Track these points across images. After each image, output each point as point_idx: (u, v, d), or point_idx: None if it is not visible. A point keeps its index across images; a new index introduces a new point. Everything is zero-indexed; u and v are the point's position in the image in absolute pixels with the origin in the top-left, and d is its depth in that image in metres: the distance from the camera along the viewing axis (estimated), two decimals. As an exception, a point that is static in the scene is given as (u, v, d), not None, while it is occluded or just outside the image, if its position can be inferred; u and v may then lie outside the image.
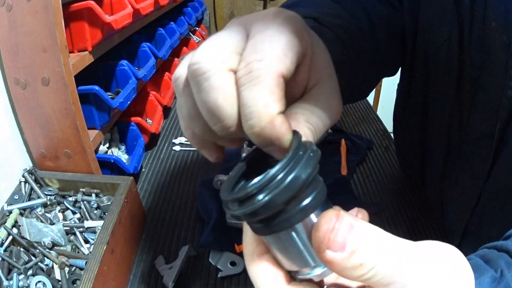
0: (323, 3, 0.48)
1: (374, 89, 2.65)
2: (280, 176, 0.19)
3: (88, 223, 0.60)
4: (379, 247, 0.20)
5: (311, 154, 0.20)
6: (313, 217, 0.21)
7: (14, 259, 0.52)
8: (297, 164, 0.19)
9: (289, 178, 0.19)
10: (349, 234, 0.20)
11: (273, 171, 0.19)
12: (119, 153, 0.84)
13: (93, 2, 0.62)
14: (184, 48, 1.44)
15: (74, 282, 0.52)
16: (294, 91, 0.26)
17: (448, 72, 0.50)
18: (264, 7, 2.21)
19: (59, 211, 0.62)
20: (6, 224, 0.55)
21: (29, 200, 0.62)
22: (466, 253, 0.24)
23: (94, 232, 0.60)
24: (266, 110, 0.21)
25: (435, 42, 0.51)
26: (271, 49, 0.22)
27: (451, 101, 0.51)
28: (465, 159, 0.51)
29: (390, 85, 0.78)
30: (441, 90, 0.53)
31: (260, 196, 0.19)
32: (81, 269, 0.54)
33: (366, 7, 0.51)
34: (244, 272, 0.60)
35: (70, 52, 0.61)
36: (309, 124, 0.25)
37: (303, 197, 0.20)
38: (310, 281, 0.23)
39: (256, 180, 0.19)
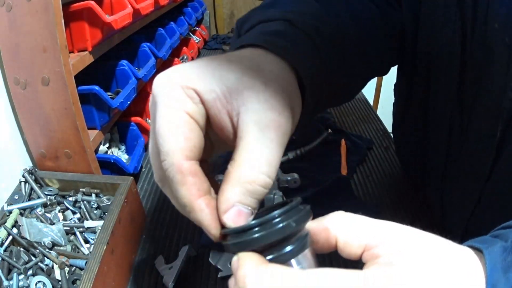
0: (302, 2, 0.46)
1: (374, 89, 2.64)
2: (277, 220, 0.22)
3: (88, 223, 0.60)
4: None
5: (306, 211, 0.24)
6: (292, 261, 0.23)
7: (14, 259, 0.52)
8: (293, 215, 0.23)
9: (284, 224, 0.22)
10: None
11: (272, 214, 0.22)
12: (119, 153, 0.84)
13: (93, 2, 0.62)
14: (184, 48, 1.44)
15: (74, 282, 0.52)
16: (225, 137, 0.29)
17: (450, 72, 0.50)
18: (264, 7, 2.22)
19: (59, 211, 0.62)
20: (6, 224, 0.55)
21: (29, 200, 0.62)
22: None
23: (94, 232, 0.60)
24: (185, 202, 0.28)
25: (437, 42, 0.51)
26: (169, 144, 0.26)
27: (452, 101, 0.51)
28: (465, 160, 0.51)
29: (390, 85, 0.78)
30: (442, 90, 0.53)
31: (256, 229, 0.23)
32: (81, 269, 0.54)
33: (351, 6, 0.49)
34: (244, 272, 0.60)
35: (70, 52, 0.61)
36: (238, 183, 0.26)
37: (288, 243, 0.23)
38: None
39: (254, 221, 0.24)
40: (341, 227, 0.25)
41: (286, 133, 0.28)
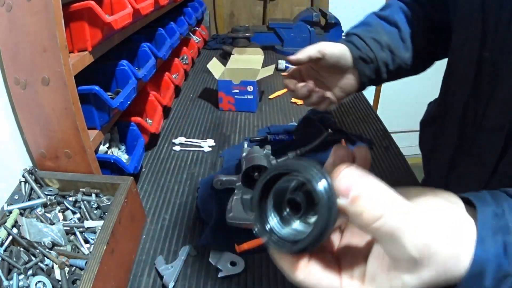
0: (379, 28, 0.63)
1: (374, 89, 2.64)
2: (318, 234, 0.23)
3: (88, 223, 0.60)
4: (382, 196, 0.24)
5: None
6: None
7: (14, 259, 0.52)
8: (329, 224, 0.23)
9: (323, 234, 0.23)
10: (352, 183, 0.24)
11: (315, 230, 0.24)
12: (119, 153, 0.84)
13: (93, 2, 0.62)
14: (184, 48, 1.44)
15: (74, 282, 0.52)
16: None
17: (468, 67, 0.52)
18: (264, 7, 2.21)
19: (59, 211, 0.62)
20: (6, 224, 0.55)
21: (29, 200, 0.62)
22: None
23: (94, 232, 0.60)
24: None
25: (460, 38, 0.54)
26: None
27: (468, 94, 0.52)
28: (475, 152, 0.52)
29: (390, 85, 0.78)
30: (460, 82, 0.55)
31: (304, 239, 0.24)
32: (81, 269, 0.54)
33: (408, 15, 0.63)
34: (244, 272, 0.60)
35: (70, 52, 0.61)
36: None
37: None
38: None
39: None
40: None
41: None
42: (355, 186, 0.24)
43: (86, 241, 0.59)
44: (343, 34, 0.61)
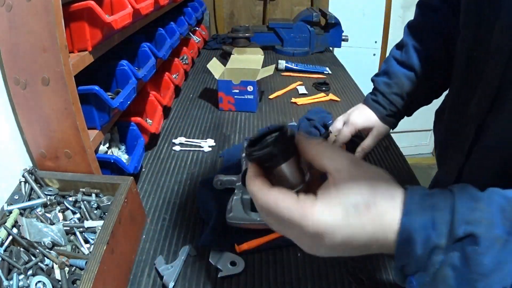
0: (400, 76, 0.78)
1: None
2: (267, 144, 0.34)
3: (88, 223, 0.60)
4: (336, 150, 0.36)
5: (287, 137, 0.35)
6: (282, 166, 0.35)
7: (14, 259, 0.52)
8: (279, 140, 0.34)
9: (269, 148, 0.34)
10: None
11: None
12: (119, 153, 0.84)
13: (93, 2, 0.62)
14: (184, 48, 1.44)
15: (74, 282, 0.52)
16: None
17: (461, 64, 0.60)
18: (264, 7, 2.21)
19: (59, 211, 0.62)
20: (6, 224, 0.55)
21: (29, 200, 0.62)
22: None
23: (94, 232, 0.60)
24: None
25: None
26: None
27: (455, 86, 0.61)
28: (456, 138, 0.59)
29: (390, 85, 0.79)
30: (455, 79, 0.62)
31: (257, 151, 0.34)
32: (81, 269, 0.54)
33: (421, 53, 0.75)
34: (244, 272, 0.60)
35: (70, 52, 0.61)
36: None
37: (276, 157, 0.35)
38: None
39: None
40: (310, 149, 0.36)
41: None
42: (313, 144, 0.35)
43: (86, 241, 0.59)
44: (372, 81, 0.86)
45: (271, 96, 1.26)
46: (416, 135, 2.87)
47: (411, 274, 0.32)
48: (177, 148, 0.96)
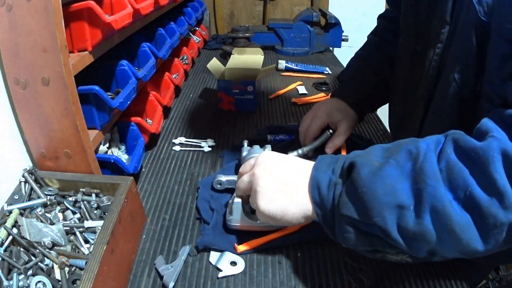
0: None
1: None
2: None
3: (88, 223, 0.60)
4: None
5: None
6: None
7: (14, 259, 0.52)
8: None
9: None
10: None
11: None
12: (119, 153, 0.84)
13: (93, 2, 0.62)
14: (184, 48, 1.44)
15: (74, 282, 0.52)
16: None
17: (406, 41, 0.74)
18: (264, 7, 2.21)
19: (59, 211, 0.62)
20: (6, 224, 0.55)
21: (29, 200, 0.62)
22: None
23: (94, 232, 0.60)
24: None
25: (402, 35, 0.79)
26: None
27: (406, 68, 0.73)
28: (410, 119, 0.71)
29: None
30: (403, 53, 0.76)
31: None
32: (81, 269, 0.54)
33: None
34: (244, 272, 0.60)
35: (70, 52, 0.61)
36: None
37: None
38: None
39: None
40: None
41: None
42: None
43: (86, 241, 0.59)
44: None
45: (271, 96, 1.26)
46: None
47: (329, 219, 0.46)
48: (177, 148, 0.96)
